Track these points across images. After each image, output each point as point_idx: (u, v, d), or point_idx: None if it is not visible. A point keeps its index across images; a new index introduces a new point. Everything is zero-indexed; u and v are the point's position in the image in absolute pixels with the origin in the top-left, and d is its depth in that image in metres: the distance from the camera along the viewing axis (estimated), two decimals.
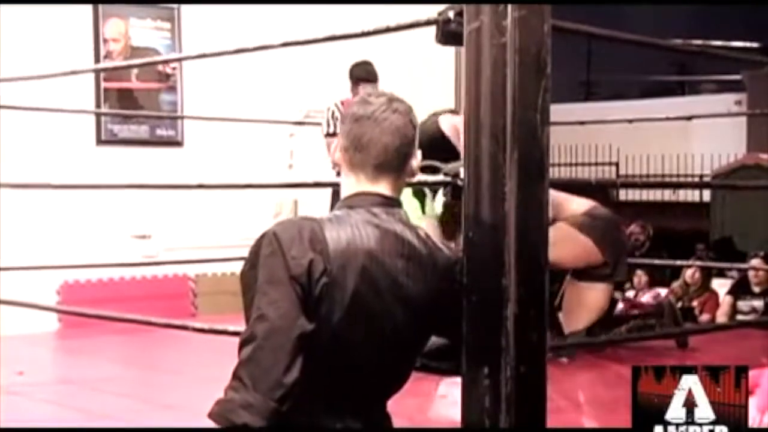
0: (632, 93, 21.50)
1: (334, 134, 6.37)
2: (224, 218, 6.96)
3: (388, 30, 3.01)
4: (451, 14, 2.28)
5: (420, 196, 5.09)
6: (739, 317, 8.00)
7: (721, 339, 5.05)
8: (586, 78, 24.57)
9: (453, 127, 5.00)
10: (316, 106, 7.14)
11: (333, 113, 6.37)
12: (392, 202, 2.05)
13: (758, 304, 7.97)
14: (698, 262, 9.28)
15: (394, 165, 2.04)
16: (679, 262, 8.88)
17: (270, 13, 7.33)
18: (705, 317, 7.99)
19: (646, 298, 8.55)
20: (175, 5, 7.36)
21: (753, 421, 1.38)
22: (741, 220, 12.30)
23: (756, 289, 8.11)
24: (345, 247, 1.95)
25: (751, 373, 1.44)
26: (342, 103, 6.43)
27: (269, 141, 7.46)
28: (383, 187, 2.05)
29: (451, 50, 6.47)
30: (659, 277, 9.51)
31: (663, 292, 8.61)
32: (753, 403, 1.42)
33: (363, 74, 6.17)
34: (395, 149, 2.03)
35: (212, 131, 7.27)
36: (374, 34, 2.94)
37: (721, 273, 9.37)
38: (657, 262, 10.01)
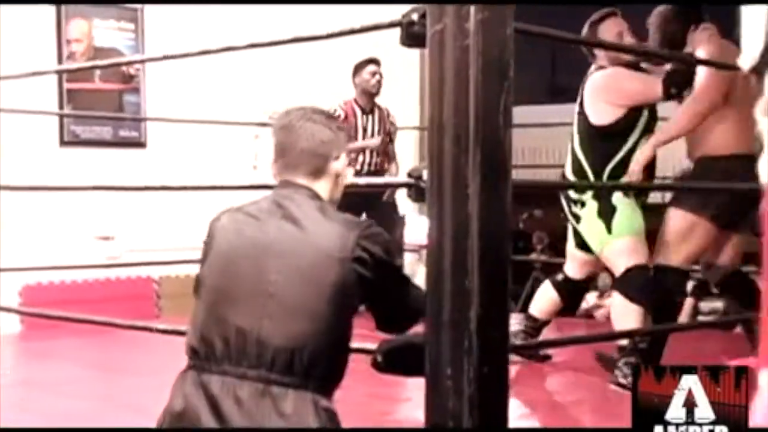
0: None
1: None
2: (188, 219, 6.93)
3: (352, 32, 3.01)
4: (414, 16, 2.28)
5: (606, 213, 4.52)
6: (700, 318, 8.05)
7: (682, 339, 5.08)
8: (551, 80, 24.61)
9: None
10: (280, 108, 7.13)
11: (333, 112, 6.40)
12: (302, 186, 2.36)
13: (719, 305, 8.02)
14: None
15: (311, 166, 2.38)
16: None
17: (234, 13, 7.31)
18: None
19: (611, 300, 8.57)
20: (138, 6, 7.32)
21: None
22: None
23: (715, 290, 8.15)
24: (230, 216, 2.37)
25: None
26: (345, 104, 6.45)
27: (234, 142, 7.44)
28: (300, 180, 2.37)
29: (416, 52, 6.49)
30: None
31: None
32: None
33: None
34: (310, 151, 2.37)
35: (176, 132, 7.24)
36: (339, 36, 2.94)
37: None
38: None
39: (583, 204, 4.57)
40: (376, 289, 2.32)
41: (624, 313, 4.42)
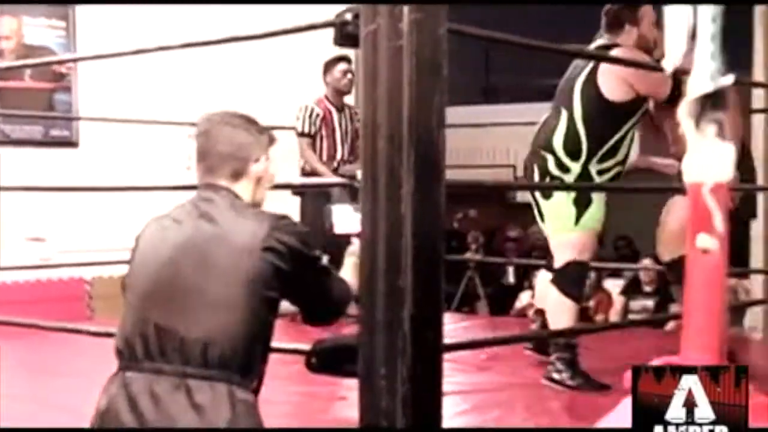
0: (532, 96, 21.65)
1: (308, 134, 6.31)
2: (121, 220, 6.86)
3: (286, 32, 3.00)
4: (348, 16, 2.28)
5: (582, 203, 4.46)
6: (631, 316, 8.19)
7: (614, 338, 5.15)
8: (486, 81, 24.73)
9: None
10: (215, 108, 7.09)
11: (311, 111, 6.32)
12: (221, 187, 2.43)
13: (649, 303, 8.16)
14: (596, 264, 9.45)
15: (230, 169, 2.45)
16: None
17: (168, 12, 7.25)
18: (599, 317, 8.14)
19: None
20: (70, 4, 7.23)
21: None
22: (634, 222, 12.56)
23: (647, 289, 8.31)
24: (155, 222, 2.45)
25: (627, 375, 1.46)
26: (319, 102, 6.38)
27: (167, 142, 7.38)
28: (221, 182, 2.45)
29: (351, 51, 6.49)
30: None
31: None
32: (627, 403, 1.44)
33: None
34: (229, 155, 2.44)
35: (108, 132, 7.16)
36: (272, 36, 2.93)
37: (616, 273, 9.56)
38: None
39: (562, 182, 4.49)
40: (294, 280, 2.35)
41: (559, 311, 4.43)
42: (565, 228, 4.47)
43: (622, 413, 1.48)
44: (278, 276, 2.32)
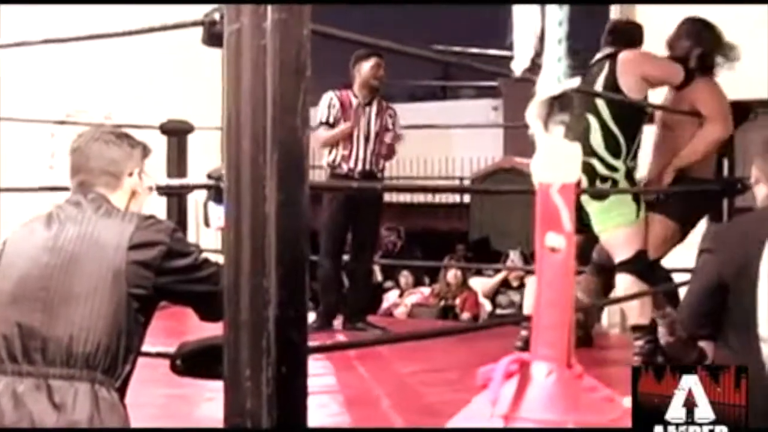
0: (399, 97, 21.90)
1: (327, 123, 5.96)
2: None
3: (152, 30, 2.97)
4: (216, 15, 2.27)
5: (637, 199, 4.83)
6: (499, 311, 8.37)
7: (485, 335, 5.22)
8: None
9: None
10: (78, 106, 6.94)
11: (330, 101, 5.96)
12: (92, 192, 2.43)
13: (516, 297, 8.35)
14: (461, 263, 9.62)
15: (103, 183, 2.46)
16: (445, 263, 9.16)
17: (30, 9, 7.07)
18: (465, 315, 8.27)
19: (411, 299, 8.77)
20: None
21: (484, 416, 1.41)
22: (497, 221, 12.83)
23: (514, 284, 8.51)
24: (22, 227, 2.43)
25: (483, 370, 1.48)
26: (341, 93, 6.02)
27: (28, 141, 7.19)
28: (93, 190, 2.46)
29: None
30: (420, 278, 9.80)
31: (426, 291, 8.85)
32: (486, 397, 1.45)
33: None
34: (100, 170, 2.46)
35: None
36: (137, 34, 2.90)
37: (478, 272, 9.75)
38: (429, 264, 10.25)
39: (615, 182, 4.78)
40: (169, 276, 2.34)
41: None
42: (627, 222, 4.77)
43: (473, 410, 1.51)
44: (148, 273, 2.31)
